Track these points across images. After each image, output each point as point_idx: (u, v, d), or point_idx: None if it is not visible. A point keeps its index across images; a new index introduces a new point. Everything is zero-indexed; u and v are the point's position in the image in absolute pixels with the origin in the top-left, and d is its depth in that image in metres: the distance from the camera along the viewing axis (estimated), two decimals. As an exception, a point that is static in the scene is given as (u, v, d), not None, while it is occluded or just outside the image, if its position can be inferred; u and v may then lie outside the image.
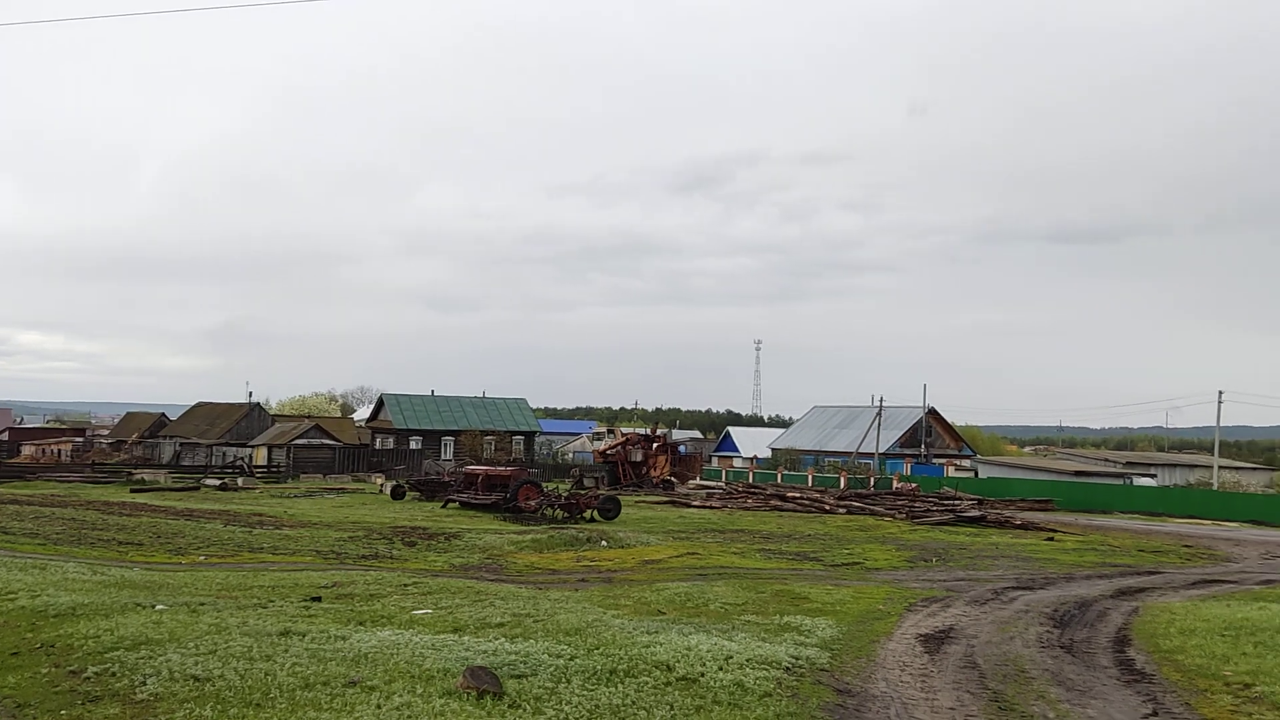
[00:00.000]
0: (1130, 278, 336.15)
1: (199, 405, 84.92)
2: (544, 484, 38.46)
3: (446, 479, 40.63)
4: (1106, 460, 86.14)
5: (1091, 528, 35.23)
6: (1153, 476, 71.32)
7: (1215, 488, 61.87)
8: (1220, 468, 71.48)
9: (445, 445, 68.27)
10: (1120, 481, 63.37)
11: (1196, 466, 79.84)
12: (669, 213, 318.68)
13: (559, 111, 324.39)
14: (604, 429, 72.20)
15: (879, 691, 9.56)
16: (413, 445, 66.61)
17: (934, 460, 70.96)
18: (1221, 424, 69.86)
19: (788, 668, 9.91)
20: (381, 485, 45.12)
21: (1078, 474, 65.86)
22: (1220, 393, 69.56)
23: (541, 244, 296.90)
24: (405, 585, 15.30)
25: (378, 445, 68.09)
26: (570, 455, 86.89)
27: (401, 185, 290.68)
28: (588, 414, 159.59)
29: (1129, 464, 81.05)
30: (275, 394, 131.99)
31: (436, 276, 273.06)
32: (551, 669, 9.28)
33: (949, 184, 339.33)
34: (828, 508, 37.47)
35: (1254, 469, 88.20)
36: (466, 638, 10.78)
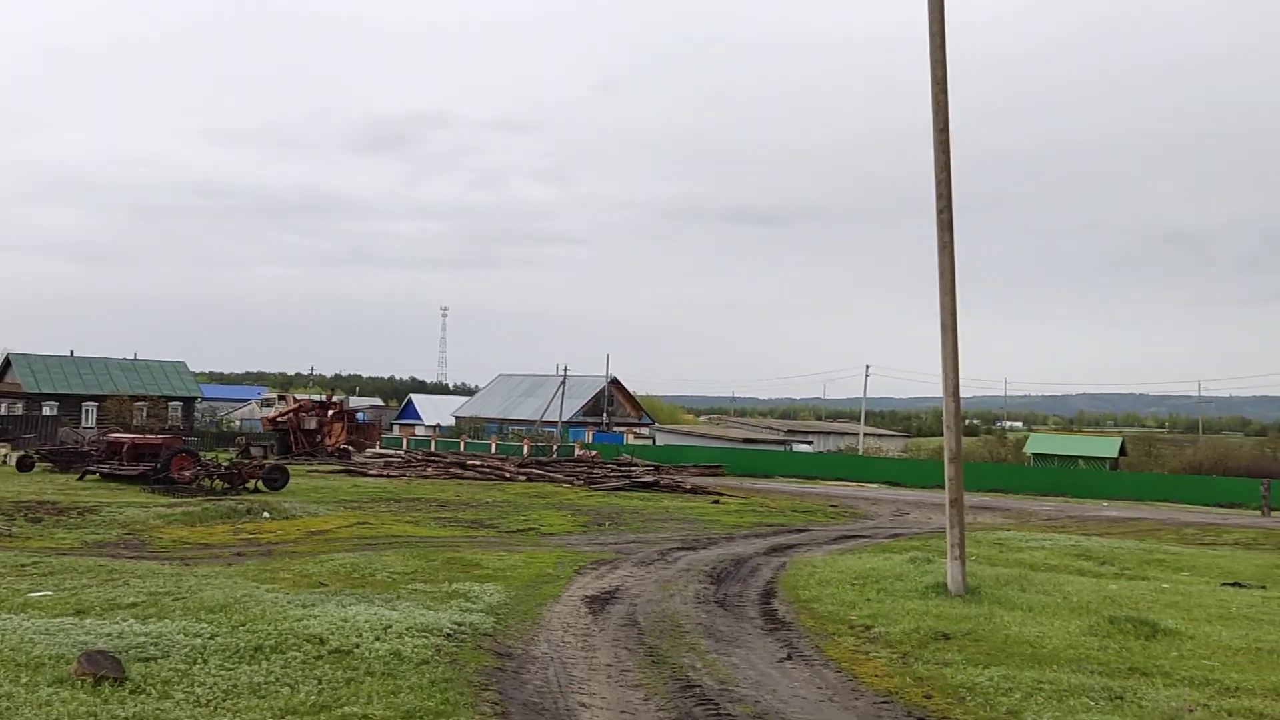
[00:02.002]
0: (797, 258, 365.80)
1: None
2: (204, 453, 35.67)
3: (86, 448, 36.59)
4: (771, 428, 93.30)
5: (754, 491, 37.88)
6: (809, 443, 78.05)
7: (860, 453, 68.70)
8: (865, 435, 79.57)
9: (88, 411, 61.80)
10: (782, 448, 68.81)
11: (847, 434, 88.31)
12: (353, 171, 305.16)
13: (216, 52, 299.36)
14: (275, 395, 68.16)
15: (540, 653, 9.59)
16: (46, 411, 59.62)
17: (615, 428, 73.52)
18: (868, 395, 77.75)
19: (449, 634, 9.71)
20: (5, 456, 39.86)
21: (746, 441, 70.76)
22: (867, 367, 77.36)
23: (208, 196, 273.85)
24: (23, 566, 13.54)
25: (4, 411, 60.35)
26: (237, 423, 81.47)
27: (26, 120, 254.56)
28: (259, 379, 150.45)
29: (790, 432, 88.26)
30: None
31: (79, 226, 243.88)
32: (187, 649, 8.58)
33: (638, 160, 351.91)
34: (508, 475, 37.65)
35: (893, 436, 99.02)
36: (90, 620, 9.71)
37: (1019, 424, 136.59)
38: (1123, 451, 69.48)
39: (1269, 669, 9.24)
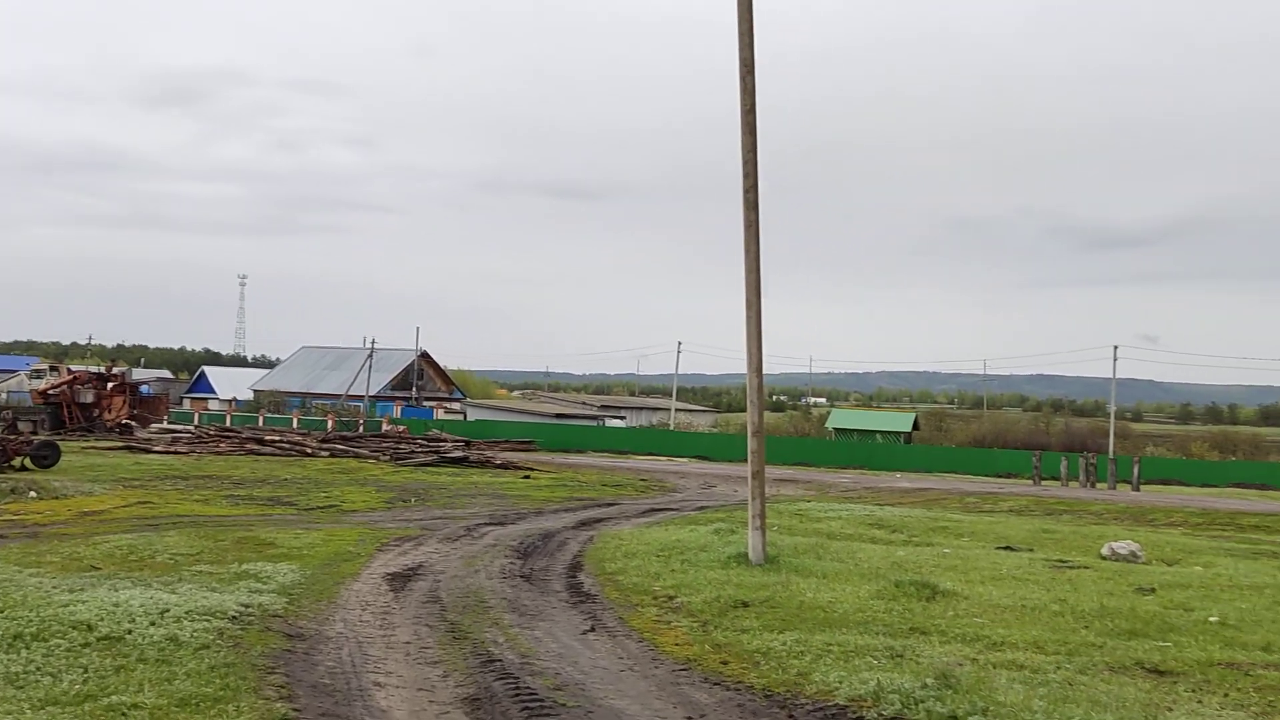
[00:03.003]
0: (612, 234, 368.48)
1: None
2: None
3: None
4: (584, 403, 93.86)
5: (566, 465, 37.98)
6: (622, 418, 79.04)
7: (672, 428, 70.08)
8: (677, 410, 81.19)
9: None
10: (595, 423, 69.37)
11: (659, 409, 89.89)
12: (138, 127, 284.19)
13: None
14: (47, 365, 63.00)
15: (335, 633, 9.23)
16: None
17: (425, 403, 72.05)
18: (680, 371, 79.24)
19: (234, 617, 9.20)
20: None
21: (558, 416, 70.96)
22: (679, 343, 79.02)
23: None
24: None
25: None
26: (3, 396, 74.98)
27: None
28: (29, 349, 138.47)
29: (604, 407, 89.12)
30: None
31: None
32: (-67, 641, 7.77)
33: (452, 129, 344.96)
34: (309, 451, 36.29)
35: (705, 411, 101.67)
36: None
37: (823, 400, 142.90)
38: (916, 426, 73.95)
39: (1031, 624, 9.97)
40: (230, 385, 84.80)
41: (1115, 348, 62.82)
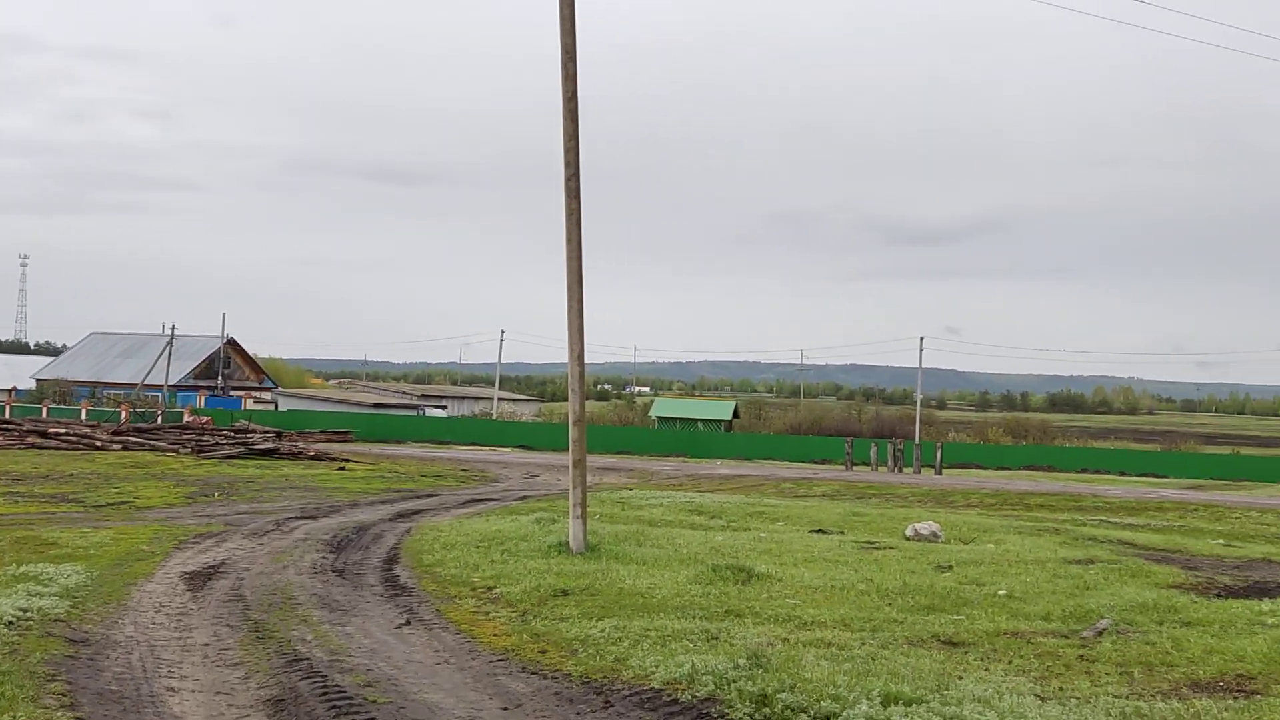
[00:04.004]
0: (433, 221, 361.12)
1: None
2: None
3: None
4: (404, 393, 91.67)
5: (384, 456, 36.99)
6: (444, 408, 77.64)
7: (494, 417, 69.43)
8: (500, 399, 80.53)
9: None
10: (415, 413, 67.87)
11: (482, 399, 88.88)
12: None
13: None
14: None
15: (124, 636, 8.64)
16: None
17: (232, 393, 68.63)
18: (504, 361, 78.58)
19: (10, 622, 8.49)
20: None
21: (377, 406, 69.04)
22: (502, 332, 78.20)
23: None
24: None
25: None
26: None
27: None
28: None
29: (424, 396, 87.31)
30: None
31: None
32: None
33: (260, 105, 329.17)
34: (99, 444, 34.00)
35: (528, 400, 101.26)
36: None
37: (647, 389, 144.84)
38: (736, 414, 76.03)
39: (839, 603, 10.37)
40: (10, 374, 78.03)
41: (921, 339, 66.35)
